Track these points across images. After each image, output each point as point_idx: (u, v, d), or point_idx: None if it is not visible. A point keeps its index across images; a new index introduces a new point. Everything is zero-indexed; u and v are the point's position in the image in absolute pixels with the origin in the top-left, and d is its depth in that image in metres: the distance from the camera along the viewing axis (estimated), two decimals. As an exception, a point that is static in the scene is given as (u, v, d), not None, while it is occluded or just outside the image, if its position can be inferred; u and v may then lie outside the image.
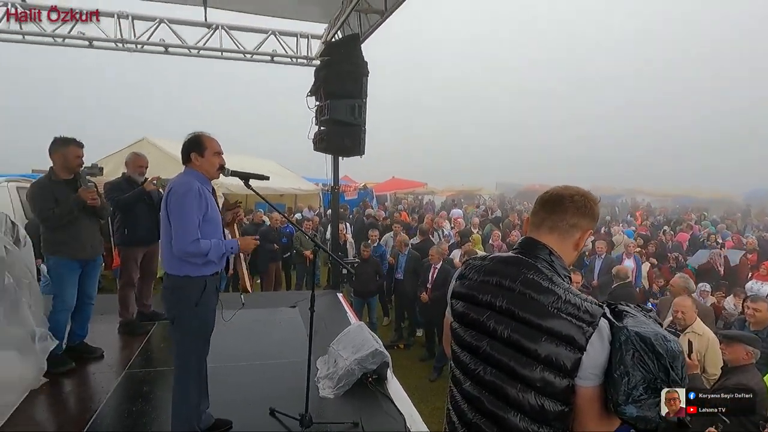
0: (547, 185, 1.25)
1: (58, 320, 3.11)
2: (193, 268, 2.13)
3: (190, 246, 2.04)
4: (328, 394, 2.99)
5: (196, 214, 2.08)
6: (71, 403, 2.86)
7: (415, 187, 21.10)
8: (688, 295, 3.62)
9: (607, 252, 6.85)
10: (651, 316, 1.07)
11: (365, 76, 4.67)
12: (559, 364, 0.99)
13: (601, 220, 13.55)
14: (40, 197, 3.05)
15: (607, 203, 21.01)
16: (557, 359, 0.99)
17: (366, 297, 5.98)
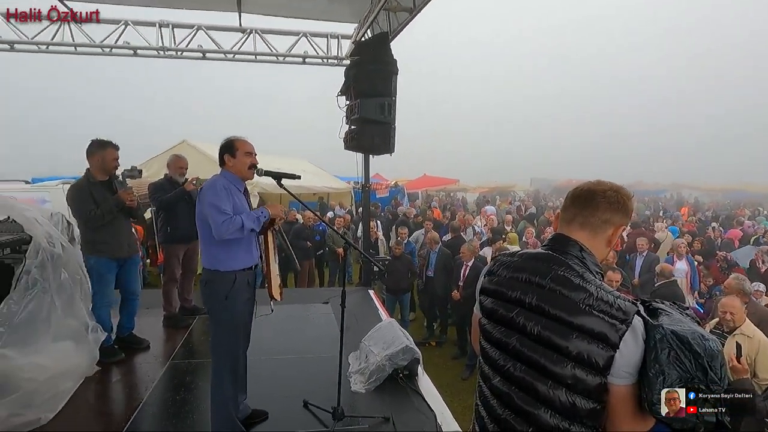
0: (583, 181, 1.22)
1: (101, 315, 3.27)
2: (223, 262, 2.23)
3: (222, 227, 2.13)
4: (359, 388, 3.04)
5: (222, 202, 2.18)
6: (121, 391, 3.06)
7: (447, 184, 20.93)
8: (742, 297, 3.39)
9: (649, 249, 6.55)
10: (688, 314, 1.04)
11: (395, 75, 4.69)
12: (591, 362, 0.98)
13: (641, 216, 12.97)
14: (79, 199, 3.21)
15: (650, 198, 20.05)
16: (589, 357, 0.98)
17: (398, 294, 6.01)
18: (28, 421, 2.44)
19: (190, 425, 2.59)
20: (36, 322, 2.72)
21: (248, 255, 2.33)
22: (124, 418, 2.63)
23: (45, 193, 6.65)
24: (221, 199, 2.18)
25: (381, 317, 4.45)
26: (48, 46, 5.20)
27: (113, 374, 3.18)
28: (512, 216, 10.42)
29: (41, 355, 2.68)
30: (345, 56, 5.75)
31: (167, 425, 2.59)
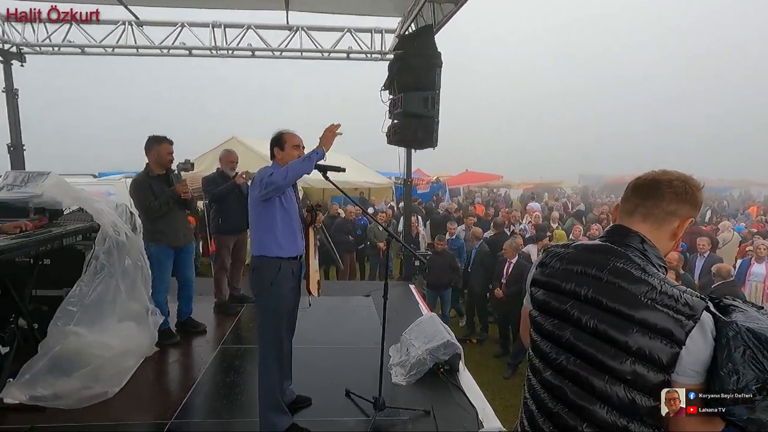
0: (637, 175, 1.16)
1: (159, 300, 3.50)
2: (269, 249, 2.31)
3: (268, 179, 2.20)
4: (400, 381, 3.06)
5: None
6: (177, 371, 3.27)
7: (490, 180, 20.48)
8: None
9: (712, 250, 6.10)
10: (765, 312, 0.96)
11: (439, 67, 4.63)
12: (653, 358, 0.93)
13: (702, 215, 12.07)
14: (140, 191, 3.45)
15: (713, 196, 18.63)
16: (651, 353, 0.93)
17: (439, 290, 5.98)
18: (97, 394, 2.66)
19: (239, 406, 2.72)
20: (103, 304, 2.94)
21: (294, 244, 2.39)
22: (180, 396, 2.81)
23: (110, 186, 7.18)
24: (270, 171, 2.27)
25: (422, 312, 4.45)
26: (114, 49, 5.58)
27: (170, 355, 3.40)
28: (558, 213, 10.04)
29: (107, 334, 2.91)
30: (389, 50, 5.75)
31: (218, 406, 2.74)
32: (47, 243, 2.77)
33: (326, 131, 2.38)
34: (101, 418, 2.52)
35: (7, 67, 5.41)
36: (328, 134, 2.37)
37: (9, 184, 3.29)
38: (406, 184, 6.01)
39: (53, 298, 3.11)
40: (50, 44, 5.47)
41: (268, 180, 2.20)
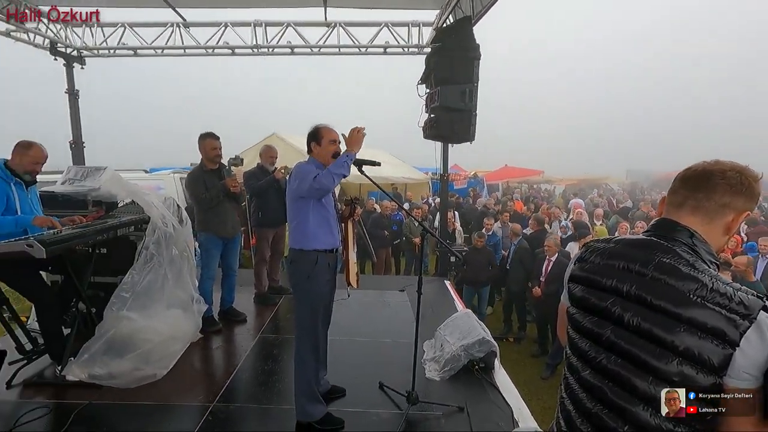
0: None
1: (205, 288, 3.71)
2: (307, 242, 2.35)
3: (313, 183, 2.25)
4: (434, 376, 3.05)
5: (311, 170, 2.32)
6: (219, 357, 3.42)
7: (530, 175, 19.89)
8: None
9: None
10: None
11: (477, 60, 4.53)
12: (702, 359, 0.87)
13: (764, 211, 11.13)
14: (194, 183, 3.68)
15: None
16: (700, 354, 0.87)
17: (477, 287, 5.89)
18: (147, 375, 2.84)
19: (276, 393, 2.81)
20: (153, 291, 3.12)
21: (330, 237, 2.42)
22: (222, 380, 2.95)
23: (160, 181, 7.57)
24: (311, 168, 2.33)
25: (457, 308, 4.41)
26: (163, 50, 5.87)
27: (213, 342, 3.57)
28: (603, 210, 9.59)
29: (156, 319, 3.08)
30: (426, 44, 5.69)
31: (257, 392, 2.85)
32: (104, 233, 2.97)
33: (352, 132, 2.41)
34: (150, 398, 2.68)
35: (69, 70, 5.81)
36: (355, 135, 2.40)
37: (71, 178, 3.56)
38: (442, 179, 5.95)
39: (108, 285, 3.34)
40: (107, 47, 5.83)
41: (317, 185, 2.24)
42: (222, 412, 2.58)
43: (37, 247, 2.37)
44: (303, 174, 2.31)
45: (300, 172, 2.34)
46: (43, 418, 2.46)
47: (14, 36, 5.16)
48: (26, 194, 2.79)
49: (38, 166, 2.79)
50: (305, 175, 2.29)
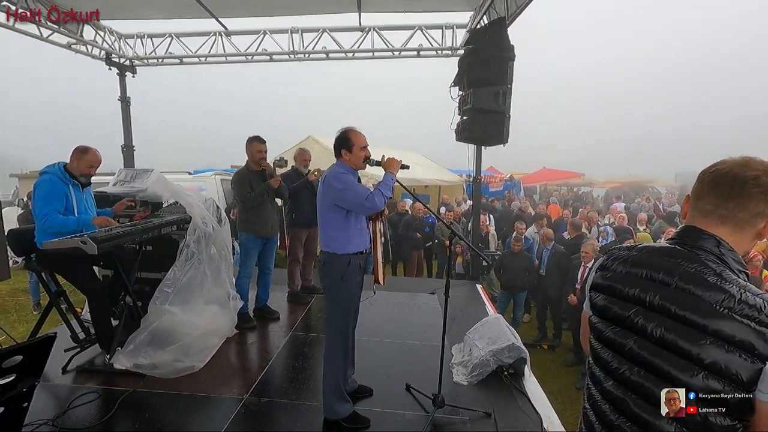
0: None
1: (242, 285, 3.88)
2: (339, 246, 2.40)
3: (366, 202, 2.32)
4: (461, 380, 3.03)
5: (355, 184, 2.40)
6: (254, 352, 3.55)
7: (570, 177, 19.23)
8: None
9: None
10: None
11: (511, 61, 4.46)
12: (729, 374, 0.84)
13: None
14: (240, 183, 3.87)
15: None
16: (728, 368, 0.84)
17: (514, 292, 5.78)
18: (186, 367, 3.00)
19: (306, 390, 2.89)
20: (193, 287, 3.29)
21: (361, 240, 2.47)
22: (255, 375, 3.06)
23: (202, 183, 7.95)
24: (352, 180, 2.40)
25: (488, 312, 4.35)
26: (206, 58, 6.17)
27: (247, 338, 3.71)
28: (647, 215, 9.14)
29: (195, 314, 3.25)
30: (459, 46, 5.66)
31: (288, 387, 2.93)
32: (150, 231, 3.17)
33: (389, 159, 2.51)
34: (189, 389, 2.83)
35: (122, 79, 6.24)
36: (391, 160, 2.50)
37: (121, 180, 3.82)
38: (475, 182, 5.89)
39: (153, 280, 3.55)
40: (155, 56, 6.21)
41: (369, 204, 2.32)
42: (254, 405, 2.69)
43: (90, 243, 2.57)
44: (347, 185, 2.35)
45: (341, 180, 2.36)
46: (93, 403, 2.66)
47: (74, 48, 5.60)
48: (82, 195, 3.02)
49: (93, 169, 3.01)
50: (350, 186, 2.34)
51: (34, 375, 1.50)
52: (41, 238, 2.77)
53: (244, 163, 3.98)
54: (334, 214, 2.40)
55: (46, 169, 2.89)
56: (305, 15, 5.64)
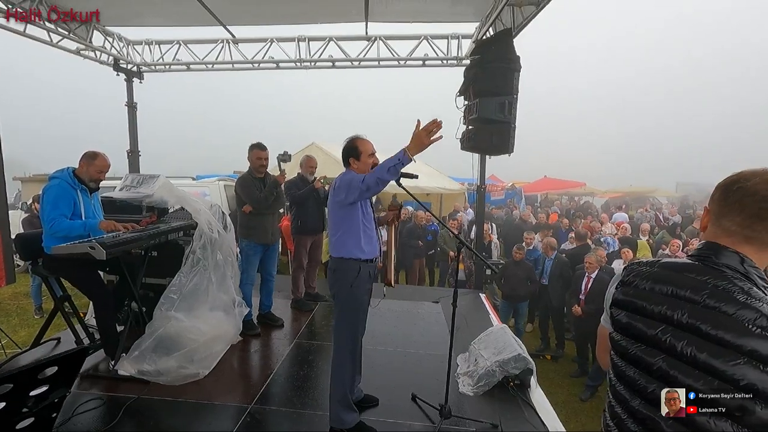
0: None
1: (246, 292, 3.86)
2: (348, 251, 2.40)
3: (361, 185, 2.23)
4: (467, 391, 3.01)
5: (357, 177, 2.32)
6: (258, 360, 3.54)
7: (571, 187, 19.24)
8: None
9: None
10: None
11: (517, 72, 4.50)
12: (766, 395, 0.83)
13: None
14: (247, 186, 3.88)
15: None
16: (764, 389, 0.83)
17: (515, 301, 5.76)
18: (191, 374, 2.98)
19: (311, 398, 2.87)
20: (198, 293, 3.29)
21: (371, 247, 2.47)
22: (260, 382, 3.05)
23: (206, 188, 7.96)
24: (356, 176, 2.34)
25: (492, 322, 4.34)
26: (213, 65, 6.22)
27: (252, 345, 3.69)
28: (650, 225, 9.14)
29: (201, 320, 3.24)
30: (465, 56, 5.71)
31: (292, 395, 2.92)
32: (156, 237, 3.17)
33: (419, 132, 2.07)
34: (194, 396, 2.82)
35: (129, 85, 6.28)
36: (422, 136, 2.07)
37: (128, 185, 3.82)
38: (479, 191, 5.90)
39: (158, 286, 3.55)
40: (163, 63, 6.25)
41: (362, 186, 2.21)
42: (259, 414, 2.67)
43: (98, 249, 2.57)
44: (349, 181, 2.34)
45: (345, 180, 2.37)
46: (98, 409, 2.64)
47: (83, 54, 5.64)
48: (90, 200, 3.02)
49: (102, 174, 3.02)
50: (351, 180, 2.32)
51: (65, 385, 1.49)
52: (49, 242, 2.77)
53: (247, 169, 4.00)
54: (346, 220, 2.41)
55: (55, 174, 2.90)
56: (313, 24, 5.69)
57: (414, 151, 2.11)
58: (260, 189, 3.86)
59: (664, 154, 53.64)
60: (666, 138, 63.45)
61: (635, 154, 54.43)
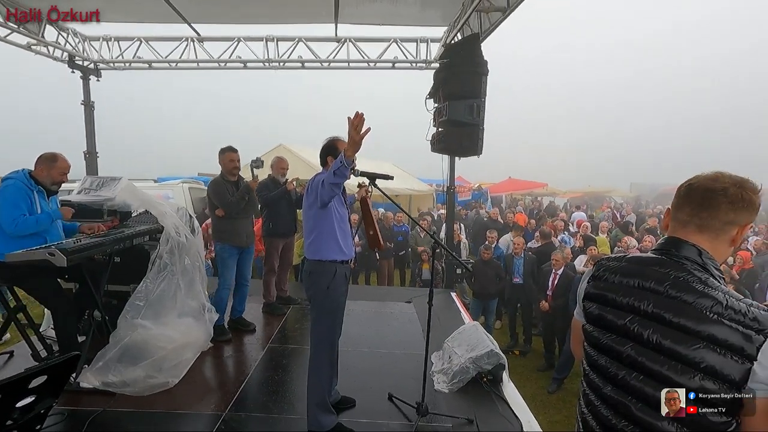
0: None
1: (222, 297, 3.78)
2: (324, 253, 2.40)
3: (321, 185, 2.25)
4: (442, 388, 3.07)
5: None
6: (230, 366, 3.45)
7: (534, 187, 19.91)
8: None
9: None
10: None
11: (485, 76, 4.64)
12: (723, 375, 0.92)
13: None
14: (220, 190, 3.78)
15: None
16: (722, 369, 0.92)
17: (485, 299, 5.91)
18: (160, 383, 2.87)
19: (286, 403, 2.83)
20: (166, 300, 3.17)
21: (348, 248, 2.47)
22: (233, 389, 2.98)
23: (169, 191, 7.67)
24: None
25: (464, 320, 4.43)
26: (177, 63, 6.01)
27: (224, 351, 3.60)
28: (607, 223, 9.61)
29: (169, 327, 3.12)
30: (434, 59, 5.81)
31: (268, 401, 2.87)
32: (121, 242, 3.04)
33: (349, 131, 2.07)
34: (164, 406, 2.72)
35: (85, 83, 5.96)
36: (353, 134, 2.06)
37: (86, 188, 3.64)
38: (448, 192, 6.01)
39: (121, 293, 3.40)
40: (122, 60, 5.98)
41: (321, 189, 2.26)
42: (234, 421, 2.61)
43: (58, 255, 2.44)
44: (317, 183, 2.34)
45: (315, 183, 2.37)
46: (59, 425, 2.50)
47: (35, 49, 5.31)
48: (47, 203, 2.86)
49: (65, 176, 2.88)
50: (318, 183, 2.33)
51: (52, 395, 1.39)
52: (4, 248, 2.60)
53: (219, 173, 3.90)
54: (321, 222, 2.41)
55: (9, 175, 2.73)
56: (281, 24, 5.62)
57: (350, 151, 2.10)
58: (232, 193, 3.78)
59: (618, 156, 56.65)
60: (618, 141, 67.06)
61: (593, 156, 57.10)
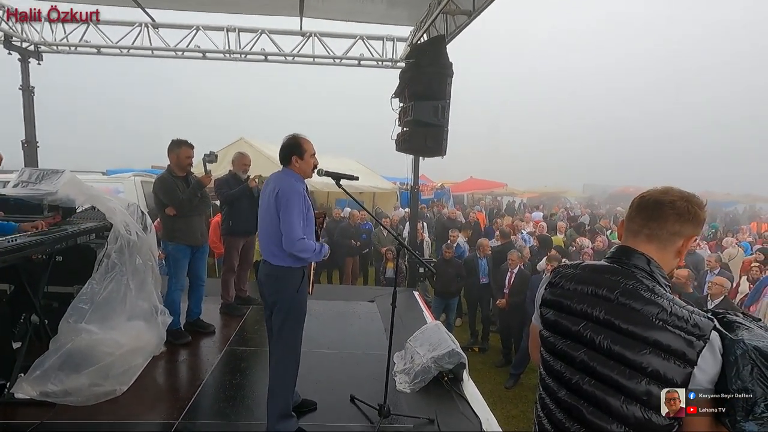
0: (643, 188, 1.19)
1: (174, 299, 3.59)
2: (295, 260, 2.34)
3: (296, 245, 2.24)
4: (404, 388, 3.08)
5: (301, 215, 2.27)
6: (184, 371, 3.30)
7: (494, 187, 20.48)
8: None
9: (722, 267, 6.08)
10: (764, 326, 1.00)
11: (450, 77, 4.68)
12: (667, 379, 0.96)
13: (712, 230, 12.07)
14: (168, 188, 3.54)
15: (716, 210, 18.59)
16: (665, 373, 0.97)
17: (447, 298, 6.00)
18: (106, 392, 2.69)
19: (245, 408, 2.74)
20: (114, 302, 2.97)
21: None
22: (187, 396, 2.84)
23: (119, 184, 7.24)
24: (301, 210, 2.28)
25: (426, 319, 4.47)
26: (129, 50, 5.66)
27: (179, 355, 3.43)
28: (564, 224, 10.06)
29: (117, 331, 2.93)
30: (400, 59, 5.81)
31: (225, 407, 2.76)
32: (63, 241, 2.82)
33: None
34: (110, 416, 2.55)
35: (24, 66, 5.49)
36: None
37: (24, 181, 3.35)
38: (412, 191, 6.05)
39: (63, 295, 3.17)
40: (67, 44, 5.56)
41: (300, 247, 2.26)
42: (188, 430, 2.49)
43: (-11, 255, 2.23)
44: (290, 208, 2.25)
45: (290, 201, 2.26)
46: (-11, 440, 2.29)
47: (-37, 27, 4.84)
48: (-23, 198, 2.61)
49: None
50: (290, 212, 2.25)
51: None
52: None
53: (166, 168, 3.67)
54: None
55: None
56: (243, 14, 5.43)
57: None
58: (183, 190, 3.57)
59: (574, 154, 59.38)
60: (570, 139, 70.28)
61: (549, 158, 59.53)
